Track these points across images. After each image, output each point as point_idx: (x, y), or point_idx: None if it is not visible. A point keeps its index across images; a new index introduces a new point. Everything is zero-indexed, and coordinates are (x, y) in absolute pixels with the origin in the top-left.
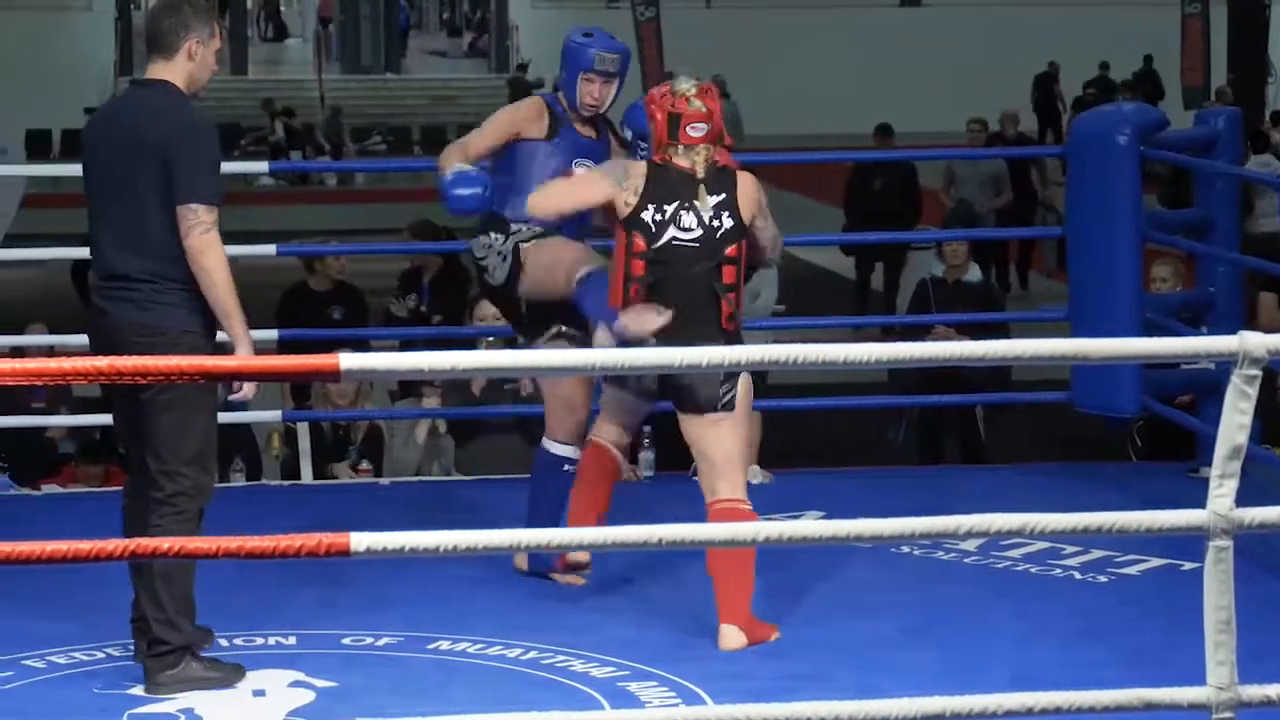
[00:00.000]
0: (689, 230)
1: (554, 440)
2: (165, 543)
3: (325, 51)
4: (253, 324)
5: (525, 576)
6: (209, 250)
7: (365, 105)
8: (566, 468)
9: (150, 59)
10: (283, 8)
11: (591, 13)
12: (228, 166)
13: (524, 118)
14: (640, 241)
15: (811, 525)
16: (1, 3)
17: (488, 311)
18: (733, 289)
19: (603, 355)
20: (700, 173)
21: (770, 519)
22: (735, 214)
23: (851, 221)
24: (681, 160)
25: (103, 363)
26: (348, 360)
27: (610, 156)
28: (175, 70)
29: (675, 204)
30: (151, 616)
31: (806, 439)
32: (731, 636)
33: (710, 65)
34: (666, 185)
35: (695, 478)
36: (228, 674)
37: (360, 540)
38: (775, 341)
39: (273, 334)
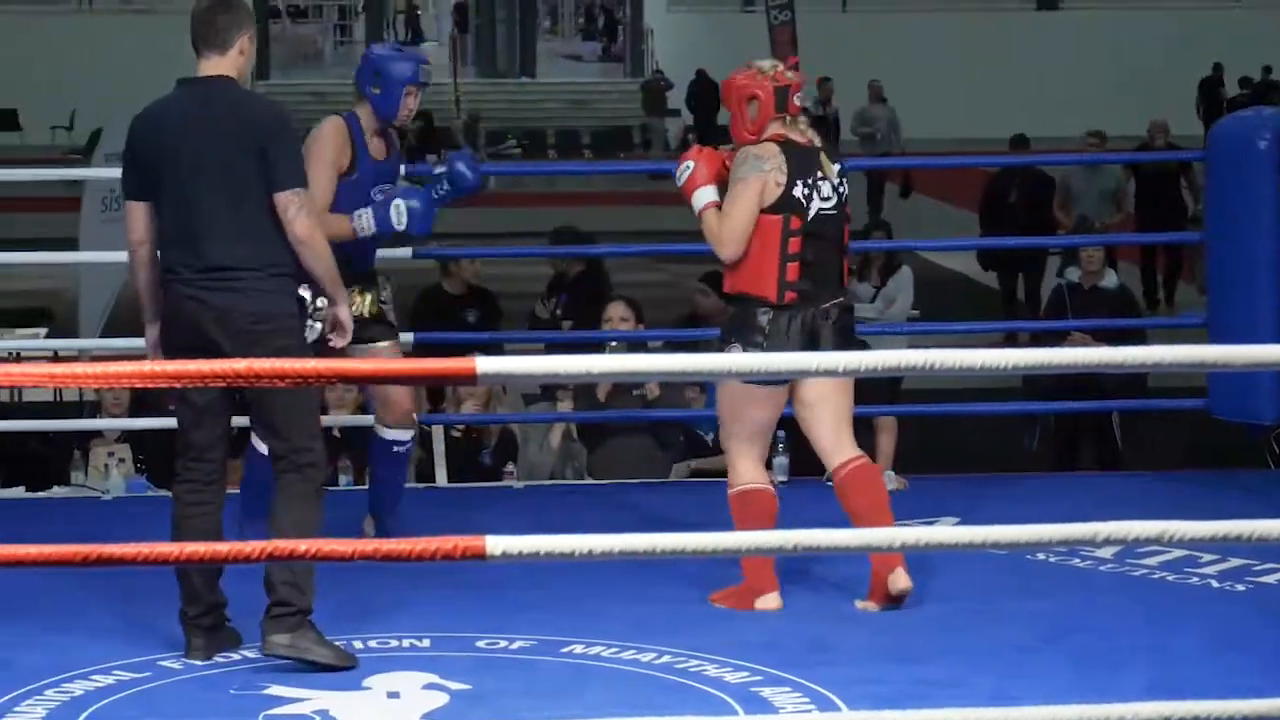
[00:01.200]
0: (829, 199)
1: (385, 426)
2: (303, 544)
3: (460, 56)
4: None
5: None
6: (315, 231)
7: (500, 109)
8: (396, 450)
9: (203, 55)
10: (420, 12)
11: (726, 16)
12: None
13: (337, 150)
14: (796, 219)
15: (947, 531)
16: (143, 6)
17: (615, 314)
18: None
19: (741, 360)
20: (816, 143)
21: (905, 525)
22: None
23: (987, 235)
24: (794, 134)
25: (240, 365)
26: (483, 364)
27: (399, 166)
28: (229, 65)
29: (813, 176)
30: (279, 579)
31: (941, 445)
32: (902, 577)
33: (845, 69)
34: (800, 160)
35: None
36: (339, 655)
37: (496, 544)
38: (910, 347)
39: (408, 336)
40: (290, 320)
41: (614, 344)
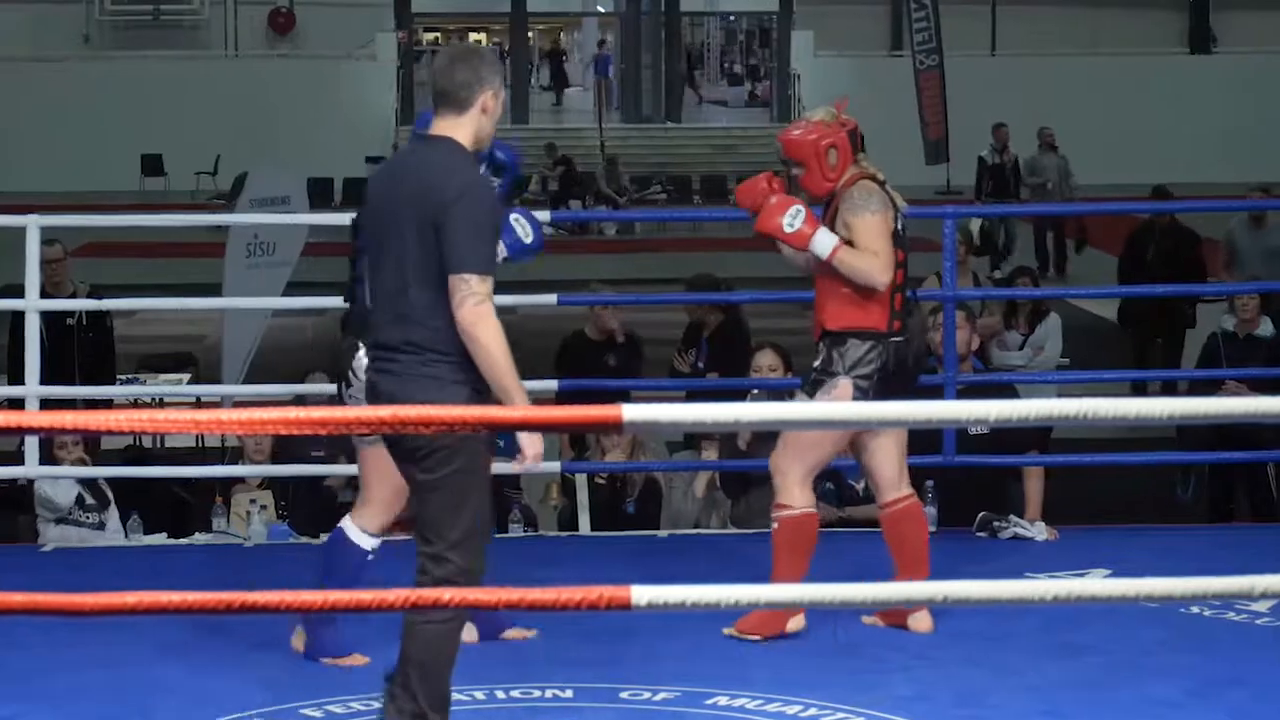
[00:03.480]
0: (905, 231)
1: (363, 530)
2: (446, 593)
3: (606, 101)
4: (529, 373)
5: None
6: (482, 322)
7: (645, 154)
8: (368, 559)
9: (439, 113)
10: (565, 58)
11: (873, 60)
12: None
13: None
14: (900, 251)
15: (1098, 584)
16: (288, 51)
17: (764, 362)
18: None
19: (896, 409)
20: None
21: (1055, 578)
22: None
23: (1125, 302)
24: (871, 169)
25: (385, 412)
26: (630, 411)
27: None
28: (465, 126)
29: (896, 211)
30: (407, 710)
31: (1091, 495)
32: (925, 619)
33: (993, 113)
34: (888, 198)
35: (980, 533)
36: None
37: (641, 594)
38: (1059, 395)
39: (551, 384)
40: None
41: (755, 392)
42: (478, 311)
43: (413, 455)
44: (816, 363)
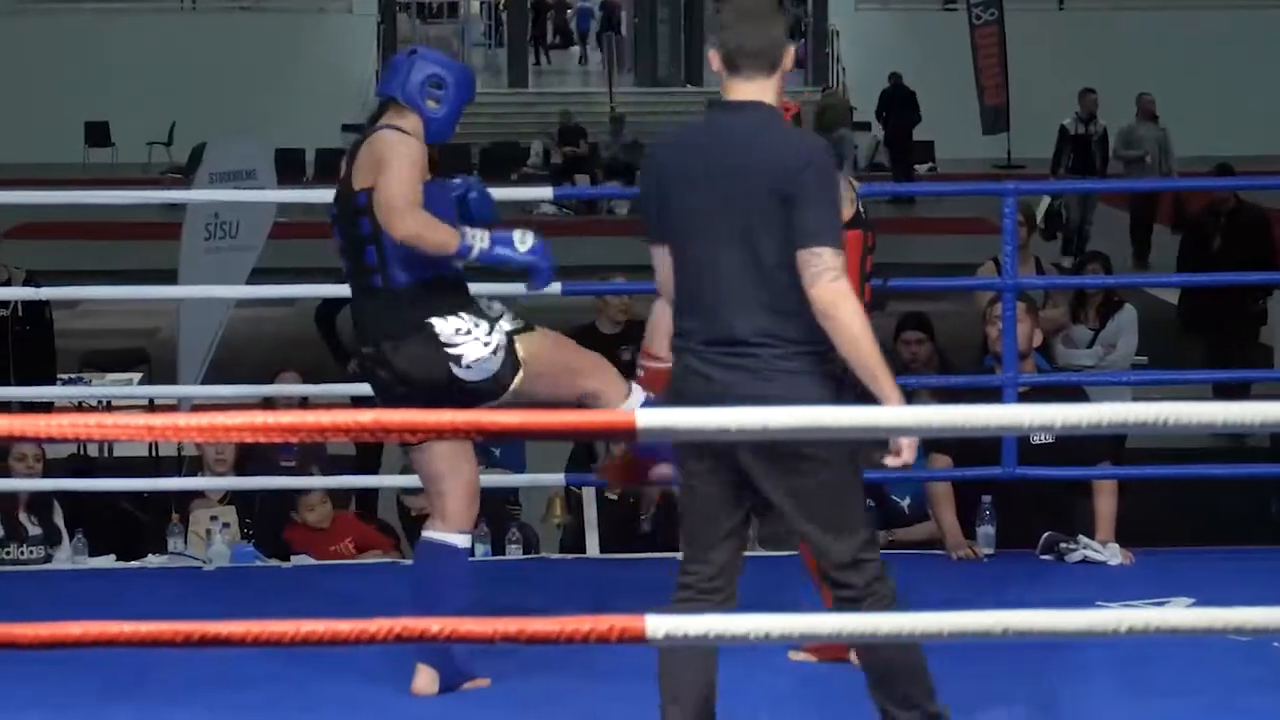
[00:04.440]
0: (866, 213)
1: (455, 530)
2: (435, 624)
3: (616, 61)
4: None
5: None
6: (842, 300)
7: (661, 121)
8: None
9: (744, 75)
10: (570, 11)
11: (923, 15)
12: (504, 193)
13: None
14: (870, 235)
15: (1179, 614)
16: (252, 4)
17: None
18: None
19: (935, 414)
20: None
21: (1130, 607)
22: None
23: (1185, 296)
24: None
25: (365, 417)
26: (645, 417)
27: None
28: (770, 89)
29: (854, 193)
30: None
31: (1172, 513)
32: None
33: (1060, 74)
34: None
35: (1044, 556)
36: None
37: (658, 624)
38: (1135, 398)
39: None
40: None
41: None
42: (836, 289)
43: (781, 464)
44: None
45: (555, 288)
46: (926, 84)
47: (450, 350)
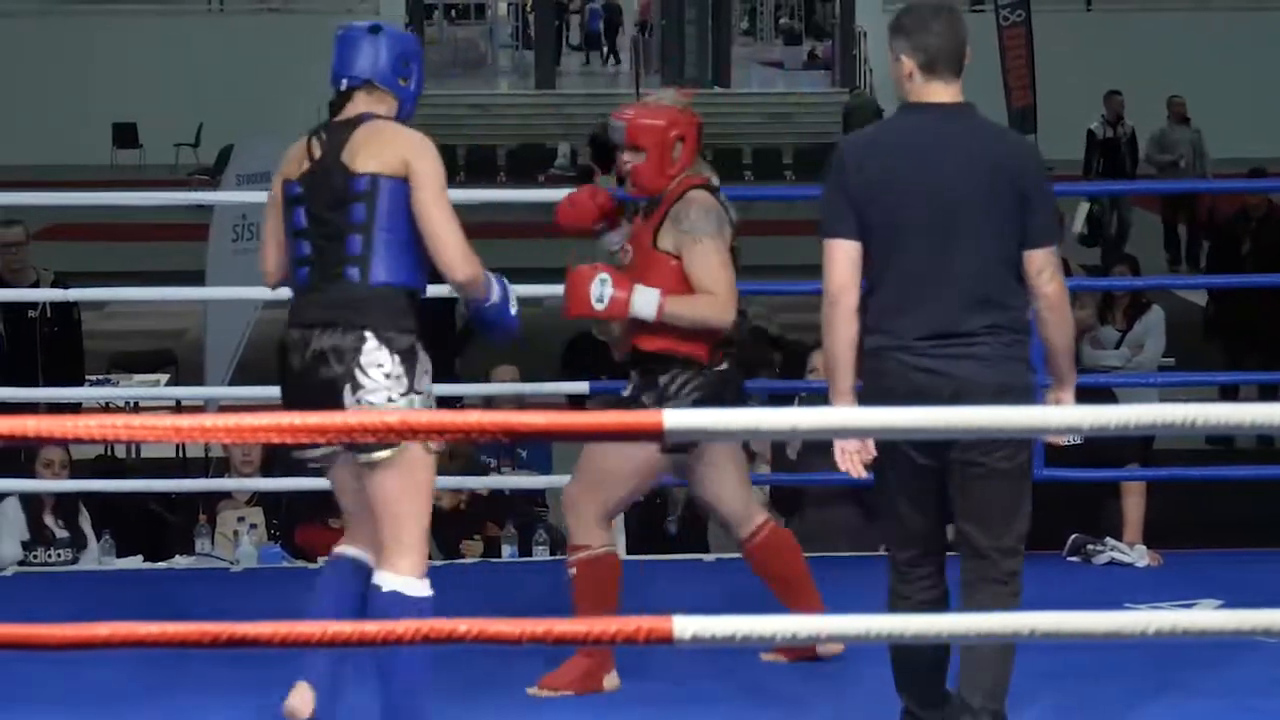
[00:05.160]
0: (739, 248)
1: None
2: (462, 624)
3: (644, 62)
4: (536, 377)
5: None
6: (1065, 296)
7: None
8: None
9: (942, 77)
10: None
11: None
12: (528, 195)
13: None
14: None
15: (1208, 616)
16: (280, 5)
17: (818, 363)
18: None
19: (988, 415)
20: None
21: (1158, 609)
22: None
23: (1214, 300)
24: (708, 173)
25: (393, 419)
26: (673, 418)
27: None
28: (959, 90)
29: (731, 224)
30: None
31: (1202, 514)
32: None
33: (1089, 77)
34: (724, 210)
35: (1071, 557)
36: None
37: (685, 625)
38: (1162, 400)
39: (582, 386)
40: (1028, 396)
41: (803, 395)
42: (1062, 285)
43: (981, 441)
44: (626, 390)
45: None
46: None
47: (358, 373)
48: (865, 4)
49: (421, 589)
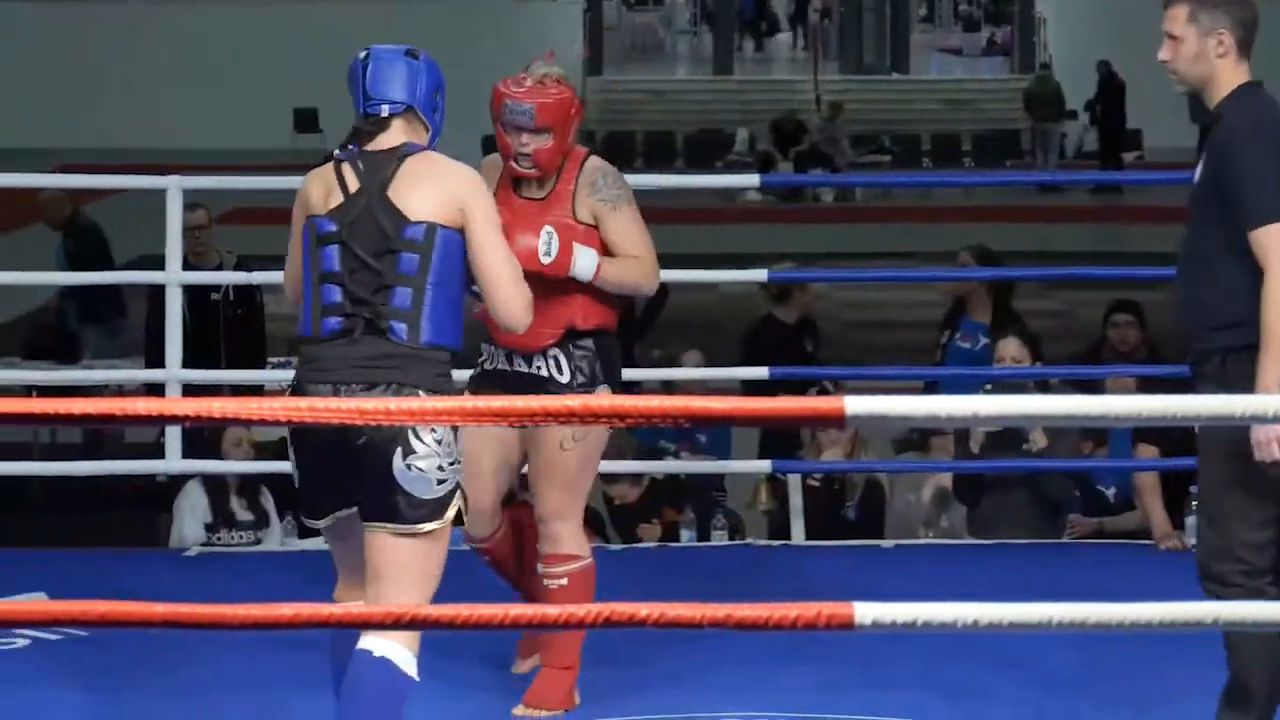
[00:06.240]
0: None
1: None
2: (644, 609)
3: (822, 48)
4: (718, 360)
5: None
6: None
7: (866, 110)
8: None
9: (1248, 58)
10: None
11: (1136, 2)
12: (708, 180)
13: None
14: None
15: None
16: None
17: (1008, 353)
18: None
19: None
20: None
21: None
22: None
23: None
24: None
25: (535, 404)
26: (854, 404)
27: None
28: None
29: None
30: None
31: None
32: None
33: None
34: None
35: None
36: None
37: (866, 612)
38: None
39: (762, 372)
40: None
41: (989, 386)
42: None
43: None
44: (563, 375)
45: (761, 274)
46: (1133, 70)
47: (412, 437)
48: None
49: (411, 666)
